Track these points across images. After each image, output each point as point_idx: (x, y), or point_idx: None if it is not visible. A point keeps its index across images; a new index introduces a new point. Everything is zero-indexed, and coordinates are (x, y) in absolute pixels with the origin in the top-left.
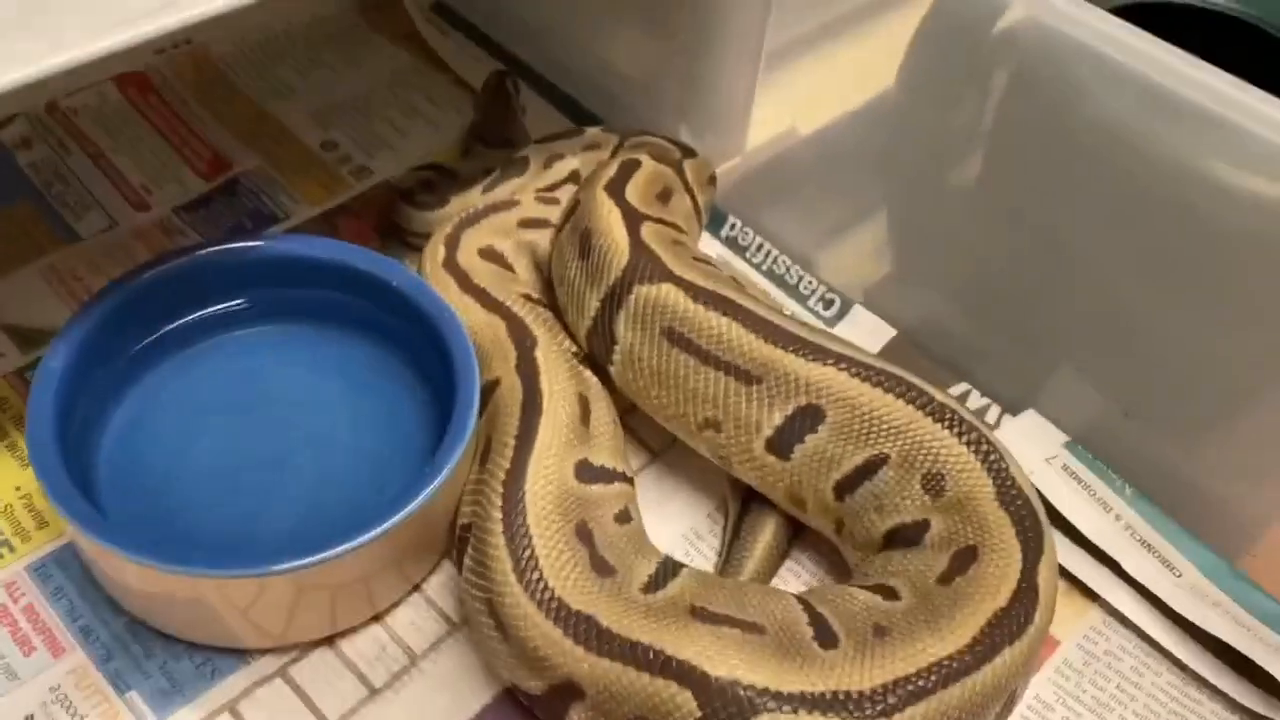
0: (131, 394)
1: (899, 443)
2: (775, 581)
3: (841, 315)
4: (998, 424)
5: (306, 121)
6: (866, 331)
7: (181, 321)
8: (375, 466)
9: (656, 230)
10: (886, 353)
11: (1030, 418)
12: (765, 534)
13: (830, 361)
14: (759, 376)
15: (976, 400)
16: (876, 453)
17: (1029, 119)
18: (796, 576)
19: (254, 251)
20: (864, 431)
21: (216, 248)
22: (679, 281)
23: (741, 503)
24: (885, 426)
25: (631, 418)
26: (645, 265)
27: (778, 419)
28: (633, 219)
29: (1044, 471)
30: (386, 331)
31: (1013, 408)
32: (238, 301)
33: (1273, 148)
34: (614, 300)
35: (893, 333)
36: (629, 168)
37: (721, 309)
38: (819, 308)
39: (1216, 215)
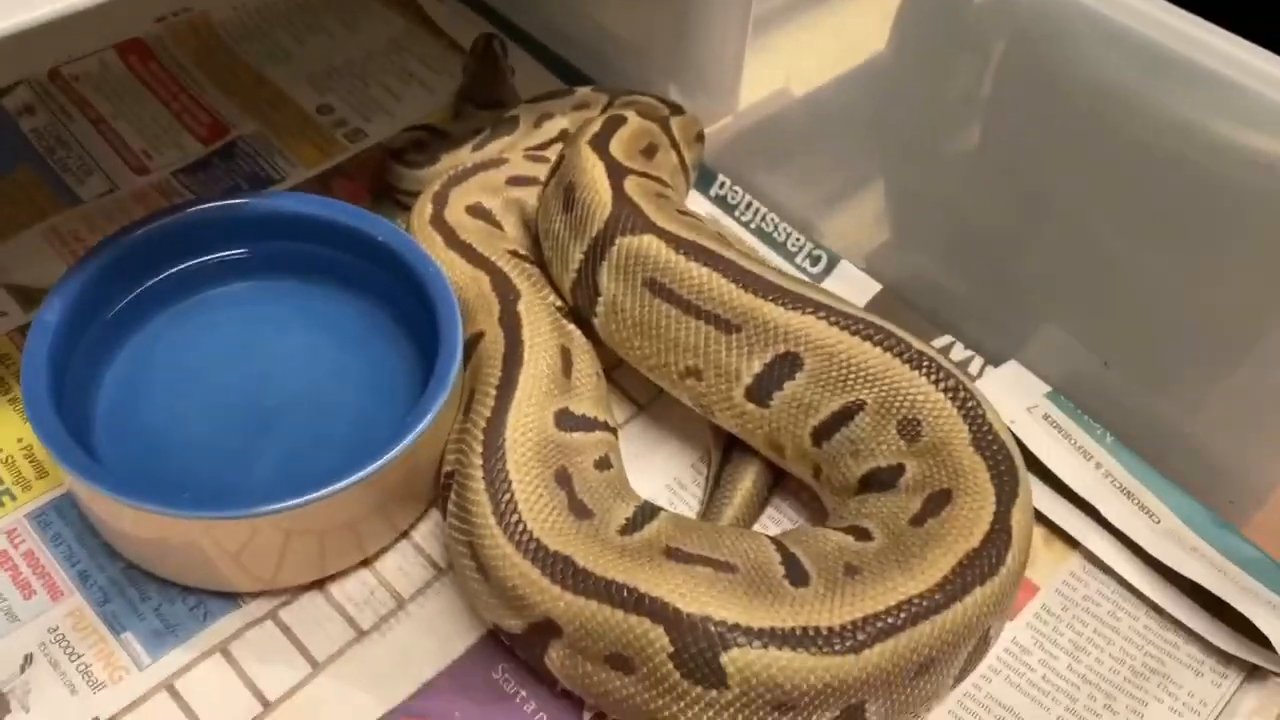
0: (126, 346)
1: (875, 389)
2: (756, 528)
3: (828, 271)
4: (980, 375)
5: (303, 86)
6: (853, 286)
7: (173, 277)
8: (361, 416)
9: (640, 184)
10: (872, 307)
11: (1012, 368)
12: (745, 481)
13: (809, 310)
14: (739, 325)
15: (960, 352)
16: (853, 399)
17: (1022, 79)
18: (777, 524)
19: (244, 208)
20: (840, 378)
21: (207, 204)
22: (661, 233)
23: (723, 451)
24: (861, 373)
25: (617, 372)
26: (628, 217)
27: (757, 367)
28: (616, 172)
29: (1025, 420)
30: (373, 286)
31: (995, 359)
32: (228, 257)
33: (1266, 102)
34: (597, 252)
35: (878, 287)
36: (614, 123)
37: (703, 259)
38: (806, 264)
39: (1208, 171)
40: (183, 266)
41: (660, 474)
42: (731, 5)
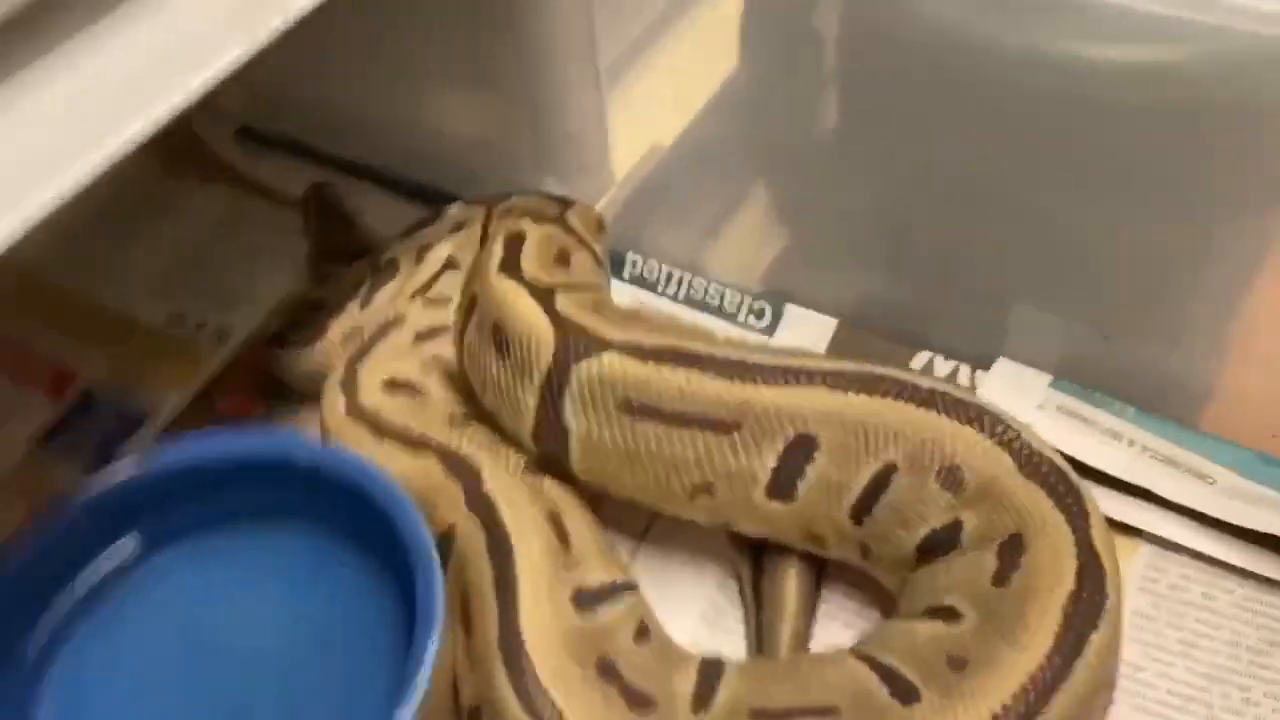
0: (53, 684)
1: (901, 446)
2: (820, 632)
3: (776, 320)
4: (973, 383)
5: (144, 299)
6: (809, 329)
7: (83, 582)
8: (349, 674)
9: (571, 299)
10: (836, 344)
11: (1005, 367)
12: (790, 589)
13: (804, 381)
14: (738, 422)
15: (942, 365)
16: (882, 464)
17: (872, 52)
18: (832, 619)
19: (133, 483)
20: (862, 446)
21: (94, 492)
22: (619, 346)
23: (752, 560)
24: (881, 433)
25: (603, 508)
26: (576, 341)
27: (771, 460)
28: (541, 294)
29: (1040, 420)
30: (311, 514)
31: (982, 362)
32: (136, 538)
33: (1124, 12)
34: (553, 389)
35: (835, 321)
36: (514, 241)
37: (674, 361)
38: (751, 320)
39: (1084, 97)
40: (88, 569)
41: (689, 607)
42: (579, 68)
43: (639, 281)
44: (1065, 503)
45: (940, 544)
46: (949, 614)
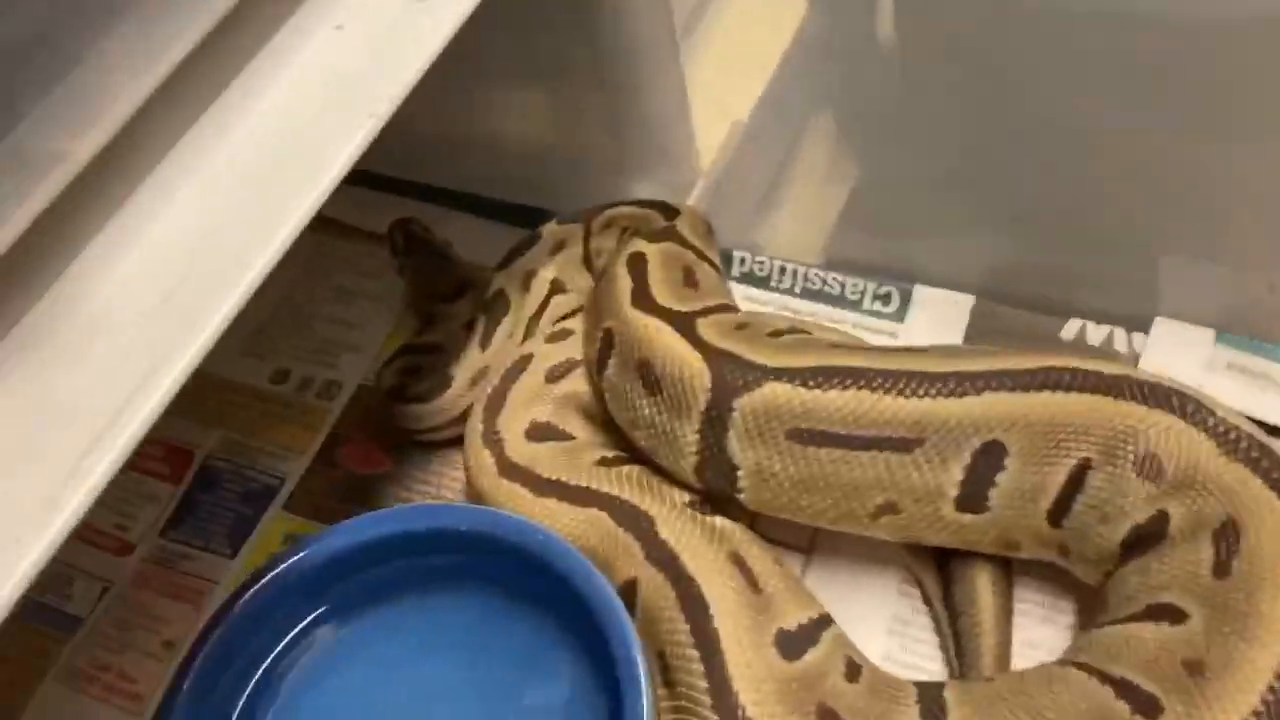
0: None
1: (1093, 440)
2: (1021, 639)
3: (905, 304)
4: (1133, 348)
5: (243, 361)
6: (943, 310)
7: (264, 667)
8: None
9: (712, 324)
10: (976, 322)
11: (1165, 326)
12: (985, 599)
13: (981, 386)
14: (917, 438)
15: (1095, 332)
16: (1077, 461)
17: None
18: (1026, 614)
19: (305, 562)
20: (1053, 445)
21: (275, 574)
22: (779, 374)
23: (936, 568)
24: (1071, 430)
25: (762, 524)
26: (732, 373)
27: (958, 474)
28: (682, 324)
29: (1210, 380)
30: (477, 577)
31: (1138, 324)
32: (313, 619)
33: None
34: (715, 425)
35: (970, 299)
36: (637, 266)
37: (839, 382)
38: (877, 307)
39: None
40: (272, 655)
41: (874, 621)
42: (658, 46)
43: (749, 279)
44: (1274, 478)
45: (1147, 538)
46: (1172, 613)
